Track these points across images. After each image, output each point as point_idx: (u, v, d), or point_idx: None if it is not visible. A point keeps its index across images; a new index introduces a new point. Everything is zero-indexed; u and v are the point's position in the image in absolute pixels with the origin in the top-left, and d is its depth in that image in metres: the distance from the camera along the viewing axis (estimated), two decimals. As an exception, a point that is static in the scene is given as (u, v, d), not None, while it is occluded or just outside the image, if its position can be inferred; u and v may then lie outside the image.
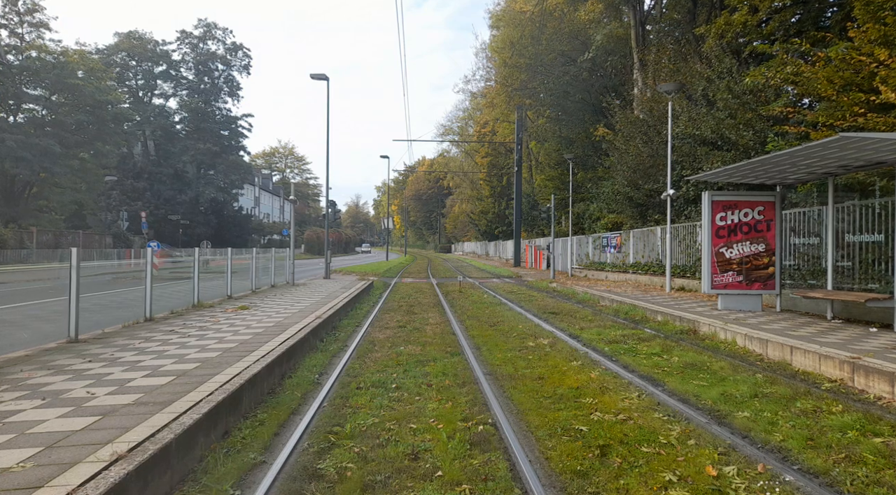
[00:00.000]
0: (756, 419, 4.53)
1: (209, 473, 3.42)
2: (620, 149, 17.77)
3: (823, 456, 3.74)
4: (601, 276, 22.27)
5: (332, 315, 10.06)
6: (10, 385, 4.58)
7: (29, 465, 2.87)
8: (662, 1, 20.42)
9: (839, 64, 9.13)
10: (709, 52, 13.64)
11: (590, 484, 3.30)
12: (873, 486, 3.27)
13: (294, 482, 3.33)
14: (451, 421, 4.44)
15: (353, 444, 3.94)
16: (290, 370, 6.25)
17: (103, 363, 5.47)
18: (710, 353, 7.31)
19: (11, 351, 5.95)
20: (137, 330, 7.74)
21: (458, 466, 3.55)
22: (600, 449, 3.84)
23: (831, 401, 5.03)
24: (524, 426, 4.41)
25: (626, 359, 6.95)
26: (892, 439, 4.05)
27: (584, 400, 5.07)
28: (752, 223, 10.84)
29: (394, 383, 5.70)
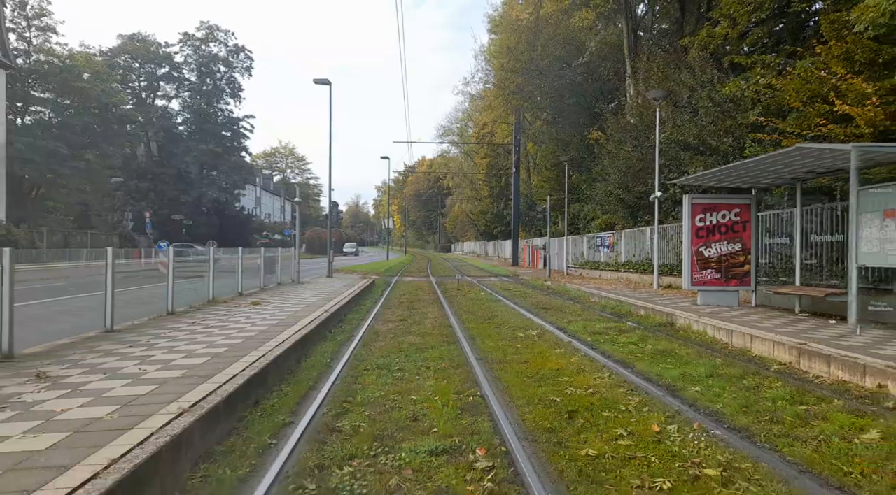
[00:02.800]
0: (705, 392, 5.33)
1: (249, 429, 4.23)
2: (612, 152, 18.58)
3: (751, 418, 4.54)
4: (595, 275, 23.07)
5: (339, 310, 10.86)
6: (70, 364, 5.38)
7: (116, 416, 3.67)
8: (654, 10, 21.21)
9: (806, 77, 9.93)
10: (692, 63, 14.46)
11: (556, 437, 4.11)
12: (782, 438, 4.07)
13: (318, 434, 4.13)
14: (446, 393, 5.24)
15: (364, 410, 4.74)
16: (305, 355, 7.05)
17: (143, 347, 6.27)
18: (680, 342, 8.12)
19: (61, 338, 6.74)
20: (163, 322, 8.53)
21: (451, 425, 4.35)
22: (569, 414, 4.65)
23: (774, 379, 5.84)
24: (507, 397, 5.21)
25: (605, 347, 7.75)
26: (813, 407, 4.86)
27: (562, 379, 5.87)
28: (730, 224, 11.65)
29: (396, 366, 6.50)
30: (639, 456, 3.71)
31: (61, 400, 4.06)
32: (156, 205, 51.04)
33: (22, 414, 3.74)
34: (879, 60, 9.20)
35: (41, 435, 3.32)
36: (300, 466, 3.55)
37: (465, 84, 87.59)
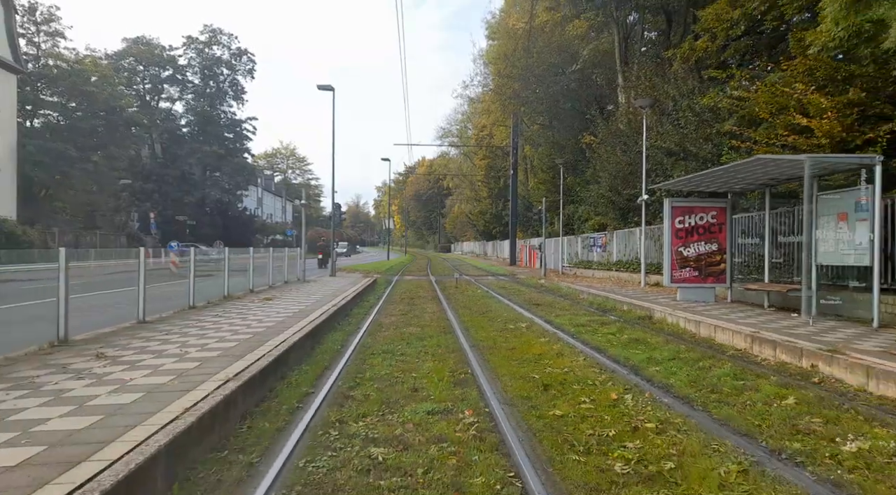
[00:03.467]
0: (663, 371, 6.23)
1: (279, 396, 5.14)
2: (602, 157, 19.48)
3: (695, 390, 5.45)
4: (588, 274, 23.97)
5: (345, 305, 11.76)
6: (120, 347, 6.28)
7: (176, 383, 4.58)
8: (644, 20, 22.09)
9: (773, 91, 10.83)
10: (675, 74, 15.35)
11: (531, 403, 5.01)
12: (715, 403, 4.98)
13: (336, 400, 5.04)
14: (441, 372, 6.14)
15: (373, 383, 5.65)
16: (318, 343, 7.95)
17: (177, 335, 7.17)
18: (653, 333, 9.03)
19: (103, 327, 7.64)
20: (187, 315, 9.44)
21: (445, 394, 5.26)
22: (544, 387, 5.55)
23: (726, 361, 6.74)
24: (493, 375, 6.11)
25: (585, 337, 8.66)
26: (750, 382, 5.76)
27: (542, 361, 6.78)
28: (707, 226, 12.56)
29: (399, 351, 7.40)
30: (595, 415, 4.61)
31: (126, 372, 4.96)
32: (160, 206, 51.95)
33: (99, 381, 4.64)
34: (838, 77, 10.09)
35: (122, 394, 4.23)
36: (323, 421, 4.46)
37: (463, 87, 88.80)
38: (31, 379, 4.69)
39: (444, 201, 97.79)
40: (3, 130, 33.20)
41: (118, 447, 3.11)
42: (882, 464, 3.56)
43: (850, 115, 9.69)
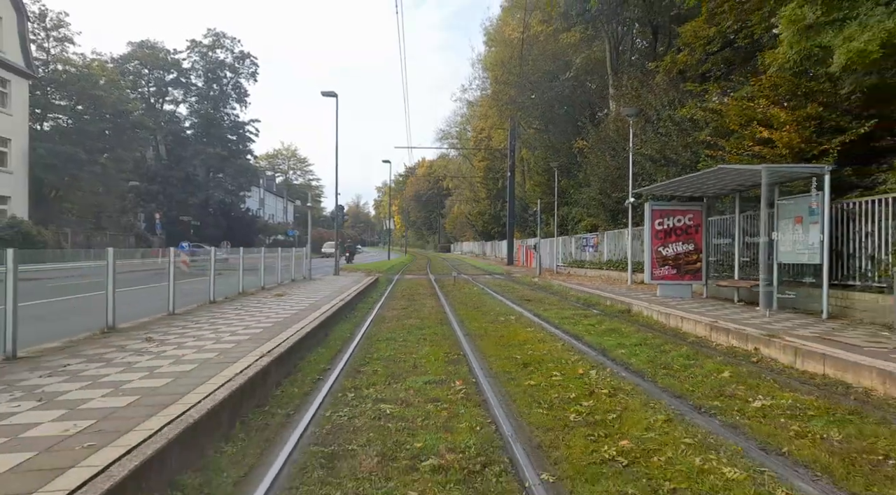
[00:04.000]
0: (627, 353, 7.28)
1: (302, 371, 6.18)
2: (593, 162, 20.51)
3: (650, 367, 6.49)
4: (581, 273, 25.00)
5: (350, 300, 12.80)
6: (162, 333, 7.32)
7: (220, 358, 5.63)
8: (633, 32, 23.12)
9: (742, 104, 11.87)
10: (657, 85, 16.39)
11: (511, 376, 6.05)
12: (663, 376, 6.02)
13: (349, 373, 6.09)
14: (438, 354, 7.19)
15: (379, 362, 6.69)
16: (330, 331, 8.99)
17: (208, 324, 8.22)
18: (628, 323, 10.08)
19: (141, 317, 8.68)
20: (210, 308, 10.48)
21: (440, 370, 6.30)
22: (524, 364, 6.60)
23: (683, 346, 7.79)
24: (481, 356, 7.16)
25: (567, 327, 9.70)
26: (699, 361, 6.79)
27: (525, 346, 7.82)
28: (684, 227, 13.61)
29: (401, 338, 8.45)
30: (562, 384, 5.66)
31: (177, 350, 6.01)
32: (165, 207, 52.98)
33: (157, 357, 5.69)
34: (799, 92, 11.12)
35: (181, 365, 5.28)
36: (341, 387, 5.50)
37: (462, 91, 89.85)
38: (100, 356, 5.74)
39: (444, 201, 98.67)
40: (16, 134, 34.21)
41: (193, 397, 4.15)
42: (775, 415, 4.61)
43: (808, 128, 10.72)
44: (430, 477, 3.37)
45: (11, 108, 33.60)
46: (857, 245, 9.64)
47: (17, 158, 34.05)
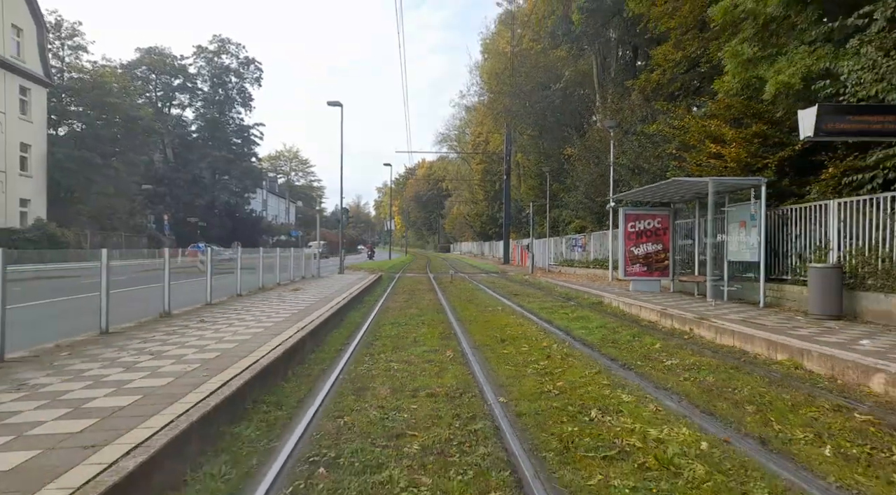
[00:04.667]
0: (586, 333, 9.00)
1: (328, 343, 7.91)
2: (579, 169, 22.23)
3: (601, 342, 8.21)
4: (570, 271, 26.73)
5: (358, 294, 14.53)
6: (210, 317, 9.05)
7: (267, 332, 7.36)
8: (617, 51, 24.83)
9: (700, 123, 13.60)
10: (633, 102, 18.10)
11: (490, 347, 7.78)
12: (609, 348, 7.74)
13: (364, 345, 7.82)
14: (433, 333, 8.92)
15: (387, 338, 8.42)
16: (343, 317, 10.72)
17: (244, 311, 9.94)
18: (597, 312, 11.80)
19: (185, 306, 10.40)
20: (239, 300, 12.20)
21: (435, 343, 8.03)
22: (501, 340, 8.32)
23: (635, 327, 9.51)
24: (469, 335, 8.88)
25: (543, 315, 11.43)
26: (642, 338, 8.51)
27: (505, 329, 9.55)
28: (654, 230, 15.33)
29: (404, 322, 10.17)
30: (528, 353, 7.38)
31: (230, 328, 7.73)
32: (172, 209, 54.76)
33: (217, 332, 7.41)
34: (748, 113, 12.85)
35: (239, 336, 7.00)
36: (359, 353, 7.23)
37: (461, 97, 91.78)
38: (174, 331, 7.47)
39: (444, 202, 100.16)
40: (36, 140, 35.98)
41: (258, 354, 5.88)
42: (677, 370, 6.33)
43: (754, 143, 12.45)
44: (426, 399, 5.10)
45: (31, 115, 35.35)
46: (790, 245, 11.38)
47: (37, 163, 35.81)
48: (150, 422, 3.58)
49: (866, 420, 4.42)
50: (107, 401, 4.09)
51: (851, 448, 3.84)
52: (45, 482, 2.71)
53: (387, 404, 4.92)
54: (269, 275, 16.76)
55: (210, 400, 4.13)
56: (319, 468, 3.49)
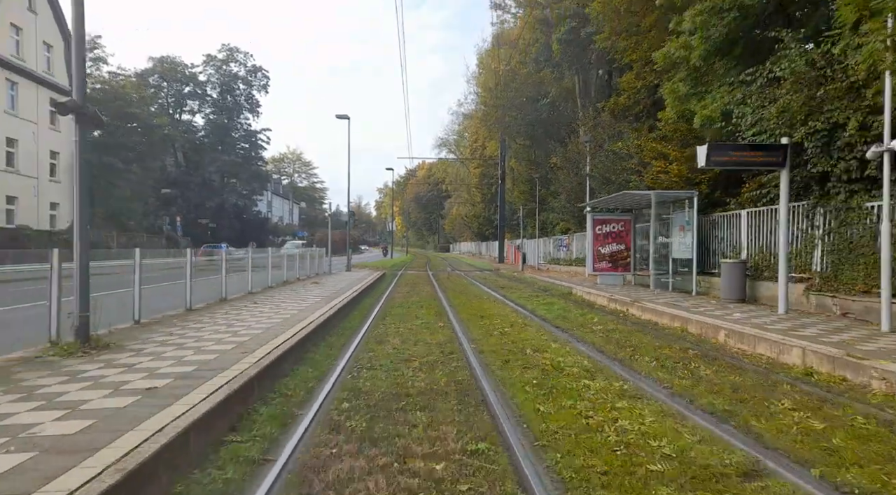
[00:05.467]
0: (546, 312, 11.76)
1: (350, 319, 10.69)
2: (561, 178, 24.97)
3: (556, 318, 10.98)
4: (556, 268, 29.49)
5: (367, 288, 17.28)
6: (259, 300, 11.81)
7: (304, 312, 10.14)
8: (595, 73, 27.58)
9: (653, 143, 16.35)
10: (604, 121, 20.83)
11: (472, 321, 10.54)
12: (559, 320, 10.51)
13: (378, 319, 10.59)
14: (430, 313, 11.68)
15: (395, 316, 11.19)
16: (358, 303, 13.48)
17: (280, 298, 12.71)
18: (562, 300, 14.56)
19: (235, 294, 13.15)
20: (272, 291, 14.95)
21: (431, 319, 10.79)
22: (481, 317, 11.09)
23: (586, 309, 12.27)
24: (457, 314, 11.65)
25: (520, 302, 14.18)
26: (587, 316, 11.26)
27: (488, 311, 12.30)
28: (617, 232, 18.09)
29: (407, 306, 12.93)
30: (499, 324, 10.13)
31: (275, 308, 10.50)
32: (184, 211, 57.59)
33: (267, 310, 10.18)
34: (693, 136, 15.59)
35: (284, 312, 9.77)
36: (375, 324, 10.00)
37: (458, 105, 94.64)
38: (234, 309, 10.23)
39: (444, 203, 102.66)
40: (63, 148, 38.70)
41: (308, 320, 8.64)
42: (597, 331, 9.08)
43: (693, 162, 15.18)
44: (423, 345, 7.85)
45: (60, 124, 38.11)
46: (717, 245, 14.15)
47: (64, 169, 38.60)
48: (275, 340, 6.35)
49: (692, 354, 7.18)
50: (246, 332, 6.85)
51: (669, 363, 6.60)
52: (237, 359, 5.44)
53: (398, 347, 7.69)
54: (291, 272, 19.51)
55: (292, 340, 6.90)
56: (363, 371, 6.26)
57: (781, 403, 4.84)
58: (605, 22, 18.02)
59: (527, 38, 30.69)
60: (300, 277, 19.98)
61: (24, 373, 4.98)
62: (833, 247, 9.92)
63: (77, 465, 2.84)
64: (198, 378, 4.83)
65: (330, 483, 3.24)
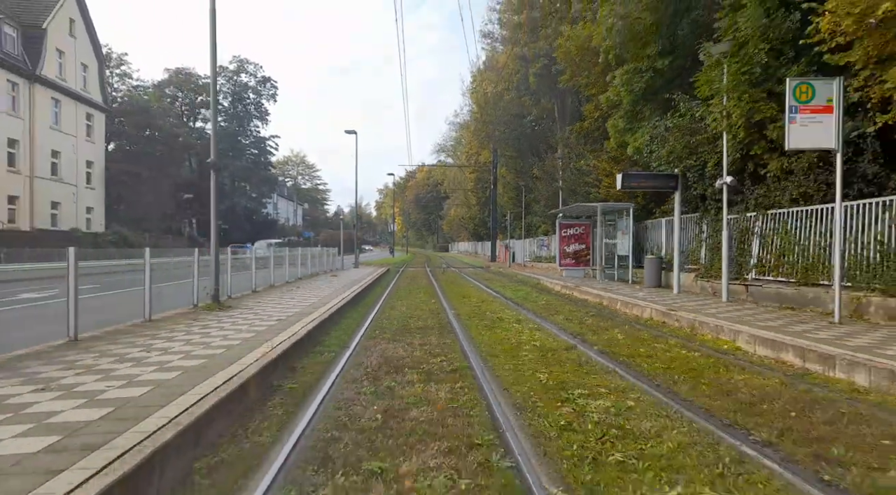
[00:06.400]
0: (514, 295, 15.86)
1: (364, 302, 14.81)
2: (540, 187, 29.05)
3: (519, 298, 15.06)
4: (539, 265, 33.61)
5: (375, 281, 21.38)
6: (286, 288, 15.92)
7: (332, 295, 14.25)
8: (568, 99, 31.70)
9: (604, 163, 20.44)
10: (572, 141, 24.89)
11: (457, 300, 14.65)
12: (521, 301, 14.61)
13: (387, 301, 14.71)
14: (426, 296, 15.78)
15: (399, 298, 15.29)
16: (370, 292, 17.58)
17: (308, 287, 16.81)
18: (531, 288, 18.66)
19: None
20: (296, 283, 19.04)
21: (427, 299, 14.88)
22: (463, 297, 15.20)
23: (543, 292, 16.38)
24: (447, 298, 15.74)
25: (498, 289, 18.27)
26: (543, 297, 15.37)
27: (471, 295, 16.40)
28: (580, 234, 22.20)
29: (409, 292, 17.02)
30: (476, 303, 14.22)
31: (307, 293, 14.60)
32: (199, 213, 61.72)
33: (302, 293, 14.29)
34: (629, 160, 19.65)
35: (318, 295, 13.88)
36: (385, 305, 14.09)
37: (455, 116, 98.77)
38: (287, 290, 14.32)
39: (443, 204, 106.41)
40: (97, 157, 42.85)
41: (335, 302, 12.75)
42: (543, 305, 13.19)
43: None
44: (420, 312, 11.95)
45: (94, 137, 42.26)
46: (648, 245, 18.27)
47: (98, 176, 42.71)
48: (329, 303, 10.43)
49: (589, 314, 11.28)
50: (285, 310, 10.95)
51: (570, 317, 10.69)
52: (315, 310, 9.51)
53: (404, 313, 11.81)
54: (311, 268, 23.60)
55: (340, 303, 11.00)
56: (385, 318, 10.36)
57: (613, 331, 8.95)
58: (567, 65, 22.12)
59: (510, 68, 34.94)
60: (317, 273, 24.07)
61: (188, 319, 9.09)
62: (711, 246, 14.05)
63: (268, 340, 6.91)
64: (299, 316, 8.93)
65: (378, 351, 7.35)
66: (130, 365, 5.38)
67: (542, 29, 27.38)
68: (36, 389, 4.43)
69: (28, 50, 34.68)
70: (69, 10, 38.60)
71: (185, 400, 4.14)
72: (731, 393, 5.18)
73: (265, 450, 3.78)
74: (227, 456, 3.69)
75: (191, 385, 4.60)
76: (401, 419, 4.41)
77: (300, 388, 5.37)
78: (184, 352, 6.02)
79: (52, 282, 17.46)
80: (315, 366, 6.48)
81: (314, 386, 5.42)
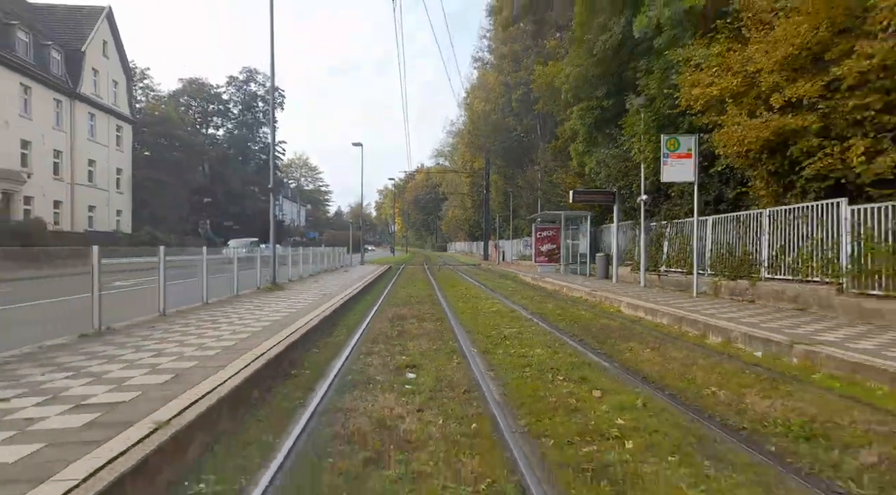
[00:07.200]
0: (495, 286, 20.13)
1: (372, 292, 19.08)
2: (523, 195, 33.32)
3: (499, 289, 19.35)
4: (523, 262, 37.87)
5: (379, 276, 25.64)
6: (309, 281, 20.18)
7: (346, 286, 18.54)
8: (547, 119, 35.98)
9: (569, 178, 24.70)
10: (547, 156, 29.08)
11: (448, 290, 18.92)
12: (502, 291, 18.90)
13: (391, 291, 18.98)
14: (423, 288, 20.05)
15: (401, 287, 19.56)
16: (374, 285, 21.83)
17: (325, 280, 21.09)
18: (510, 281, 22.92)
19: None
20: (318, 275, 23.31)
21: (424, 287, 19.16)
22: (452, 286, 19.47)
23: (516, 283, 20.66)
24: (441, 289, 19.98)
25: (482, 281, 22.53)
26: (518, 287, 19.64)
27: (457, 284, 20.68)
28: (552, 236, 26.50)
29: (409, 285, 21.28)
30: (462, 290, 18.50)
31: (326, 284, 18.88)
32: (212, 215, 65.97)
33: (319, 284, 18.57)
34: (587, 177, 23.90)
35: (333, 285, 18.14)
36: (389, 293, 18.36)
37: (450, 124, 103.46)
38: (317, 280, 18.59)
39: (441, 205, 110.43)
40: (125, 164, 47.05)
41: (350, 290, 17.02)
42: (513, 292, 17.46)
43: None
44: (418, 294, 16.23)
45: (123, 146, 46.48)
46: (602, 245, 22.57)
47: (126, 182, 46.93)
48: (350, 287, 14.69)
49: (542, 296, 15.55)
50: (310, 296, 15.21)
51: (529, 297, 14.96)
52: (340, 291, 13.76)
53: (405, 295, 16.09)
54: (325, 265, 27.88)
55: (359, 287, 15.27)
56: (391, 301, 14.64)
57: (548, 303, 13.22)
58: (541, 95, 26.36)
59: (496, 92, 39.27)
60: (330, 269, 28.34)
61: (256, 296, 13.35)
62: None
63: (322, 305, 11.16)
64: (331, 296, 13.21)
65: (389, 317, 11.62)
66: (236, 318, 9.64)
67: (523, 60, 31.71)
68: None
69: (69, 70, 38.90)
70: (103, 33, 42.83)
71: (291, 328, 8.40)
72: (587, 328, 9.44)
73: (345, 340, 8.07)
74: (329, 342, 7.98)
75: (291, 322, 8.85)
76: (407, 333, 8.70)
77: (352, 324, 9.68)
78: (274, 310, 10.28)
79: (130, 274, 21.71)
80: (355, 315, 10.79)
81: (359, 323, 9.71)
